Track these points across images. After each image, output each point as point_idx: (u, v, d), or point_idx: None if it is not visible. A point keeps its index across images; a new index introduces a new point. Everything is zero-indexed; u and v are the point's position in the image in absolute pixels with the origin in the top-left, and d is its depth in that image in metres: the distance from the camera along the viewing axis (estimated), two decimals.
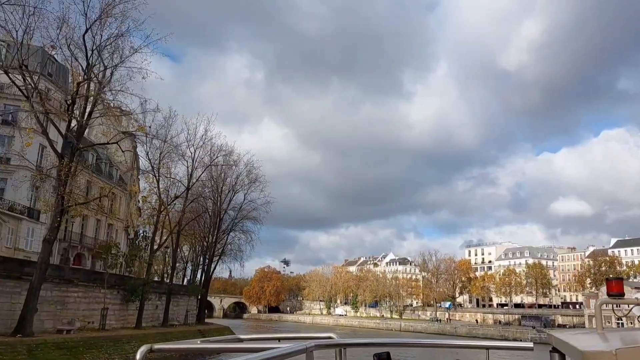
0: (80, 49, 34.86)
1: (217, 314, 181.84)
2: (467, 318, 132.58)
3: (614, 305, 3.87)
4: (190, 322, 66.00)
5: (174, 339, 48.48)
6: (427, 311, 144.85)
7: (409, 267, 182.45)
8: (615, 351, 2.17)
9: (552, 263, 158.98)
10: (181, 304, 63.12)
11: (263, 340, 5.09)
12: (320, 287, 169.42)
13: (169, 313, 56.23)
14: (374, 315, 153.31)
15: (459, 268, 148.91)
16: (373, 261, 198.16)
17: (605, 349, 2.32)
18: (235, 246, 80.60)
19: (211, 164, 60.04)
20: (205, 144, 59.44)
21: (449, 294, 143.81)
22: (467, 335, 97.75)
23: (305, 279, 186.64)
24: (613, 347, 2.22)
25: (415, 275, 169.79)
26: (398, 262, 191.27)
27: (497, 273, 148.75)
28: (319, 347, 3.51)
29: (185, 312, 62.43)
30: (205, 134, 58.89)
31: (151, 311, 55.91)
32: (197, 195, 59.78)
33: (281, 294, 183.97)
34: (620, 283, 3.72)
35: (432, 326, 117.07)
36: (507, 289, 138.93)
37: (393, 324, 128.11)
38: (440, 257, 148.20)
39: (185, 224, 58.69)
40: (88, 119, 37.42)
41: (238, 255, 78.15)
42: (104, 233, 63.72)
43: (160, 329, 53.10)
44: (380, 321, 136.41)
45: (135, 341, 42.30)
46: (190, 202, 57.80)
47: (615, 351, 2.17)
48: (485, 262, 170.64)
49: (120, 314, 49.28)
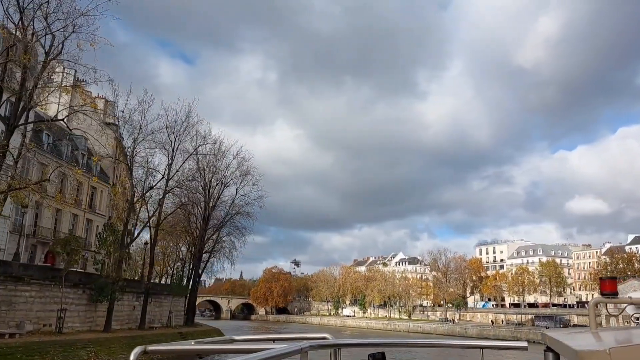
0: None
1: (224, 315, 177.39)
2: (479, 318, 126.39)
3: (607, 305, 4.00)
4: (176, 324, 60.83)
5: (144, 342, 43.22)
6: (437, 312, 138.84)
7: (419, 267, 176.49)
8: (609, 350, 2.17)
9: (567, 261, 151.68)
10: (164, 304, 57.92)
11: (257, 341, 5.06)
12: (328, 287, 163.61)
13: (146, 314, 50.99)
14: (382, 316, 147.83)
15: (469, 267, 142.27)
16: (382, 261, 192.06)
17: (599, 348, 2.30)
18: (228, 243, 75.60)
19: (194, 152, 54.82)
20: (187, 132, 54.25)
21: (460, 294, 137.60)
22: (478, 336, 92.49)
23: (312, 279, 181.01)
24: (607, 346, 2.21)
25: (426, 275, 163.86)
26: (408, 262, 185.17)
27: (509, 272, 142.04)
28: (314, 348, 3.44)
29: (168, 314, 57.16)
30: (186, 120, 53.66)
31: (127, 312, 50.78)
32: (178, 186, 54.44)
33: (289, 295, 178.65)
34: (613, 282, 3.71)
35: (441, 327, 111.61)
36: (520, 288, 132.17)
37: (401, 325, 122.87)
38: (450, 256, 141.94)
39: (164, 218, 53.55)
40: (32, 92, 32.41)
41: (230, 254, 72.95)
42: (83, 229, 58.80)
43: (135, 331, 47.90)
44: (388, 322, 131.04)
45: (93, 345, 37.12)
46: (167, 192, 52.42)
47: (609, 350, 2.17)
48: (497, 261, 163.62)
49: (87, 316, 44.11)
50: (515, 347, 4.73)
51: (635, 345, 2.40)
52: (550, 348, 3.14)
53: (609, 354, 2.16)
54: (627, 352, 2.28)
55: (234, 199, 70.49)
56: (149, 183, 51.00)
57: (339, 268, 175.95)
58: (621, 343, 2.65)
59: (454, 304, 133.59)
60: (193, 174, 58.84)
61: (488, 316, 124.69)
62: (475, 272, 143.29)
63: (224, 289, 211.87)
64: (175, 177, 54.32)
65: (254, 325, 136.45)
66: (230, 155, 64.25)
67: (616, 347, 2.24)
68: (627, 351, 2.29)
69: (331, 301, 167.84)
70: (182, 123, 53.54)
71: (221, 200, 67.58)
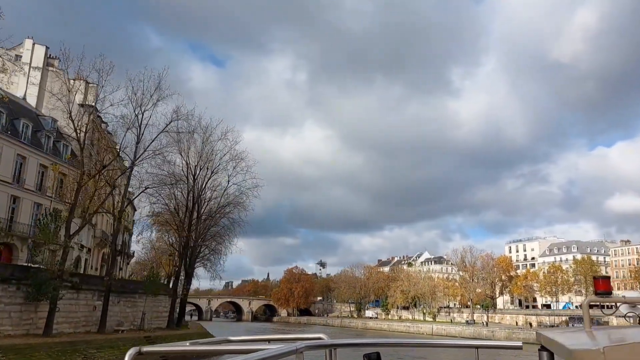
0: None
1: (245, 317, 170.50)
2: (508, 320, 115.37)
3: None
4: (157, 327, 52.98)
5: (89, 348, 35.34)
6: (464, 313, 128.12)
7: (445, 267, 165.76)
8: (603, 349, 2.16)
9: (604, 258, 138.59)
10: (139, 304, 50.03)
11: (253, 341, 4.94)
12: (350, 288, 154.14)
13: (107, 315, 43.03)
14: (405, 318, 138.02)
15: (498, 266, 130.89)
16: (407, 261, 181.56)
17: (593, 347, 2.27)
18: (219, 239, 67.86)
19: (164, 129, 46.72)
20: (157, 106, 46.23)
21: (488, 294, 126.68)
22: (506, 339, 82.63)
23: (334, 280, 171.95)
24: (601, 345, 2.20)
25: (453, 275, 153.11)
26: (434, 262, 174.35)
27: (541, 270, 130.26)
28: (309, 348, 3.39)
29: (142, 315, 49.19)
30: (156, 92, 45.62)
31: (84, 314, 42.99)
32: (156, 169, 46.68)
33: (311, 296, 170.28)
34: (607, 281, 3.71)
35: (467, 330, 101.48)
36: (553, 287, 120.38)
37: (424, 327, 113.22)
38: (477, 254, 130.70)
39: (126, 204, 45.76)
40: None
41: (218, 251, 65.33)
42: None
43: (87, 335, 39.98)
44: (410, 324, 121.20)
45: (9, 354, 29.28)
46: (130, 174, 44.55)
47: (603, 349, 2.16)
48: (527, 259, 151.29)
49: (23, 317, 36.27)
50: (510, 347, 4.57)
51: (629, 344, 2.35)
52: (544, 347, 3.11)
53: (603, 353, 2.13)
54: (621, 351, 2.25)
55: (227, 187, 62.64)
56: (112, 164, 43.28)
57: (362, 268, 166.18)
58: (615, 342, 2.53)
59: (482, 305, 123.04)
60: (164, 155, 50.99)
61: (518, 318, 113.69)
62: (504, 271, 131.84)
63: (247, 290, 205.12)
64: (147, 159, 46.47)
65: (271, 326, 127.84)
66: (216, 136, 56.26)
67: (610, 346, 2.21)
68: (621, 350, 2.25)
69: (354, 302, 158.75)
70: (151, 96, 45.65)
71: (211, 188, 59.78)
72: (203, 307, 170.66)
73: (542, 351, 3.13)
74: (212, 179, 60.72)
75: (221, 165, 58.71)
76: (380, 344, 4.70)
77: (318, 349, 3.78)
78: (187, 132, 50.09)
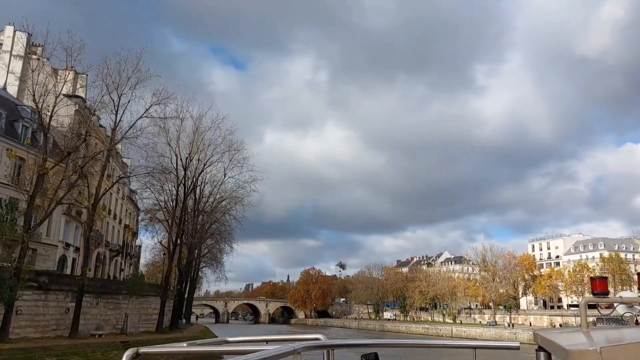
0: None
1: (262, 319, 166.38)
2: (532, 321, 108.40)
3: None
4: (145, 330, 48.43)
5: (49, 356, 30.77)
6: (486, 314, 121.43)
7: (466, 267, 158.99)
8: (600, 349, 2.16)
9: (633, 256, 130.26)
10: (123, 306, 45.49)
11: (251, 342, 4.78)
12: (367, 289, 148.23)
13: (80, 319, 38.40)
14: (425, 319, 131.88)
15: (520, 264, 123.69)
16: (427, 261, 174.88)
17: (591, 347, 2.26)
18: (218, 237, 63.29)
19: (144, 115, 42.01)
20: (137, 90, 41.68)
21: (511, 295, 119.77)
22: (529, 342, 76.19)
23: (351, 281, 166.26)
24: (598, 345, 2.20)
25: (474, 275, 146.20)
26: (454, 261, 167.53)
27: (566, 269, 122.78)
28: (307, 349, 3.38)
29: (125, 317, 44.58)
30: (133, 74, 41.03)
31: (55, 316, 38.51)
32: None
33: (328, 298, 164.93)
34: (604, 282, 3.68)
35: (488, 331, 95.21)
36: (579, 287, 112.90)
37: (444, 329, 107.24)
38: (498, 253, 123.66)
39: (102, 194, 41.22)
40: None
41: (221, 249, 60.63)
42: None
43: (55, 340, 35.47)
44: (429, 326, 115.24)
45: None
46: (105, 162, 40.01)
47: (600, 349, 2.16)
48: (551, 258, 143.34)
49: None
50: (507, 347, 4.57)
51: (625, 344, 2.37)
52: (542, 348, 3.09)
53: (600, 353, 2.13)
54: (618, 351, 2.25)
55: (223, 181, 58.04)
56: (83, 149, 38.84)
57: (380, 269, 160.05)
58: (612, 342, 2.61)
59: (504, 305, 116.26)
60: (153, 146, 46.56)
61: (543, 319, 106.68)
62: (527, 270, 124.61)
63: (264, 292, 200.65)
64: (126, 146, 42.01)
65: (287, 329, 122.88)
66: (205, 124, 51.59)
67: (607, 346, 2.20)
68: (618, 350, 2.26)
69: (372, 304, 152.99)
70: (129, 79, 41.08)
71: (205, 182, 55.25)
72: (220, 310, 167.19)
73: (539, 351, 3.10)
74: (206, 172, 56.24)
75: (215, 157, 54.12)
76: (378, 345, 4.55)
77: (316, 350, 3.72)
78: (170, 117, 45.30)
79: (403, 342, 5.96)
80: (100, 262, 64.53)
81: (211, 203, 59.81)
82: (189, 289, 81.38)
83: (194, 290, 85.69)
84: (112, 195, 69.68)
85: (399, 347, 5.61)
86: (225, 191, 59.35)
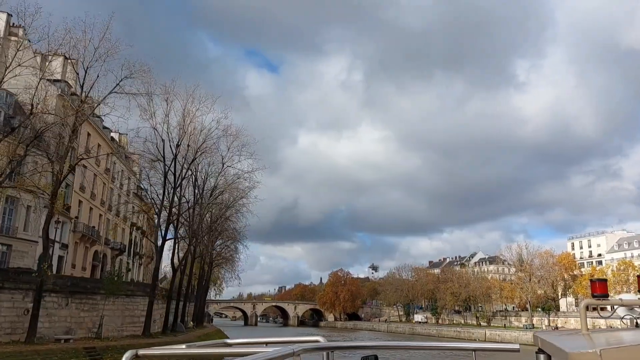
0: None
1: (291, 322, 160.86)
2: (573, 324, 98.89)
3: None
4: (130, 334, 42.97)
5: None
6: (522, 317, 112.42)
7: (500, 267, 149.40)
8: (600, 352, 2.15)
9: None
10: (99, 306, 40.02)
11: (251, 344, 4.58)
12: (397, 291, 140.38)
13: (38, 322, 33.01)
14: (457, 322, 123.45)
15: (559, 263, 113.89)
16: (460, 261, 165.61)
17: (590, 349, 2.26)
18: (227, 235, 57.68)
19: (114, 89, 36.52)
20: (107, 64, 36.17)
21: (549, 296, 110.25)
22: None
23: (380, 283, 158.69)
24: (598, 348, 2.19)
25: (509, 276, 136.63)
26: (488, 262, 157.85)
27: (609, 268, 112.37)
28: (306, 351, 3.34)
29: (100, 320, 39.07)
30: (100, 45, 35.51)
31: (11, 319, 33.24)
32: None
33: (357, 300, 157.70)
34: (603, 284, 3.68)
35: (525, 335, 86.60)
36: (624, 287, 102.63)
37: (477, 333, 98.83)
38: (534, 251, 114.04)
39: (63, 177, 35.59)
40: None
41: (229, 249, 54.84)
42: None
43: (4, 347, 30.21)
44: (461, 329, 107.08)
45: None
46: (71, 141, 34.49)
47: (600, 352, 2.15)
48: (593, 256, 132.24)
49: None
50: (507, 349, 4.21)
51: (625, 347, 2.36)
52: (542, 350, 3.07)
53: (599, 356, 2.12)
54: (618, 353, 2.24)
55: (221, 170, 52.44)
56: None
57: (410, 270, 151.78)
58: (612, 344, 2.56)
59: (542, 307, 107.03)
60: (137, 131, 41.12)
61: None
62: (566, 269, 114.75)
63: (294, 294, 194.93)
64: None
65: (314, 332, 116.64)
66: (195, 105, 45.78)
67: (607, 349, 2.19)
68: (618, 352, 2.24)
69: (402, 306, 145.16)
70: (96, 49, 35.63)
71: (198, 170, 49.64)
72: (248, 312, 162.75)
73: (539, 354, 3.08)
74: (200, 160, 50.64)
75: (209, 142, 48.35)
76: (378, 347, 4.55)
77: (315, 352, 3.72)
78: (145, 94, 39.42)
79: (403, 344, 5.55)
80: (98, 261, 59.76)
81: (207, 194, 54.11)
82: (200, 291, 76.16)
83: (207, 292, 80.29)
84: (114, 191, 65.06)
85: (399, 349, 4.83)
86: (226, 182, 53.64)
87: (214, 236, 63.58)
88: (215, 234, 63.16)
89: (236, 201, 59.73)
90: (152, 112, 43.69)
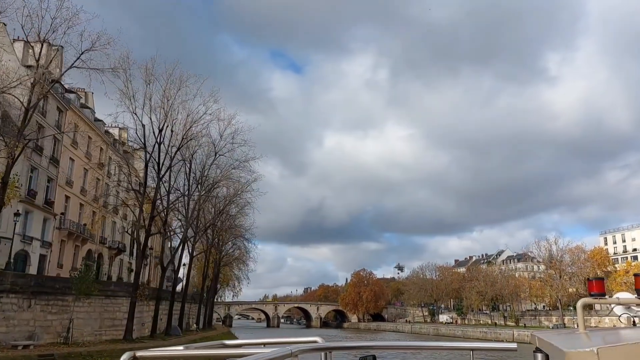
0: None
1: (314, 323, 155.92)
2: (607, 323, 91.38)
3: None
4: (112, 338, 38.67)
5: None
6: (553, 317, 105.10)
7: (529, 265, 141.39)
8: (597, 350, 2.15)
9: None
10: (71, 308, 35.67)
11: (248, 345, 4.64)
12: (420, 290, 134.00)
13: None
14: (484, 322, 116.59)
15: (591, 259, 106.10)
16: (486, 260, 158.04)
17: (587, 348, 2.25)
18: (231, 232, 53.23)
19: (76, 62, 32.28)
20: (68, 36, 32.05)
21: (581, 294, 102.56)
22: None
23: (404, 283, 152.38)
24: (595, 347, 2.19)
25: (539, 274, 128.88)
26: (516, 259, 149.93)
27: None
28: (304, 351, 3.34)
29: (69, 323, 34.77)
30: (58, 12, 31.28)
31: None
32: None
33: (380, 300, 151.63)
34: (600, 283, 3.61)
35: None
36: None
37: (504, 334, 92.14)
38: (564, 247, 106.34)
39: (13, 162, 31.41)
40: None
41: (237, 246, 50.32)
42: None
43: None
44: (487, 330, 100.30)
45: None
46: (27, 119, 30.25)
47: (597, 350, 2.15)
48: (627, 251, 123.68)
49: None
50: (505, 349, 4.33)
51: (622, 345, 2.34)
52: (539, 349, 3.06)
53: (596, 354, 2.12)
54: (615, 352, 2.23)
55: (214, 160, 47.97)
56: None
57: (434, 269, 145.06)
58: (609, 343, 2.54)
59: (575, 306, 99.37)
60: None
61: (619, 320, 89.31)
62: (599, 265, 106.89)
63: (317, 295, 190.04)
64: None
65: (336, 333, 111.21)
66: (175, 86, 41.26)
67: (604, 347, 2.18)
68: (615, 351, 2.24)
69: (426, 306, 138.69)
70: (53, 19, 31.44)
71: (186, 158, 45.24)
72: (270, 314, 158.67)
73: (536, 353, 3.07)
74: (193, 149, 46.26)
75: (196, 128, 43.85)
76: (376, 347, 4.51)
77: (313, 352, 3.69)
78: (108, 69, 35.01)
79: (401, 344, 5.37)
80: (93, 261, 55.89)
81: (207, 188, 49.66)
82: (209, 291, 71.92)
83: (215, 292, 75.94)
84: (110, 187, 61.22)
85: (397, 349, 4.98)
86: (221, 173, 49.16)
87: (218, 233, 59.21)
88: (220, 231, 58.81)
89: (237, 195, 55.29)
90: (130, 94, 39.41)
